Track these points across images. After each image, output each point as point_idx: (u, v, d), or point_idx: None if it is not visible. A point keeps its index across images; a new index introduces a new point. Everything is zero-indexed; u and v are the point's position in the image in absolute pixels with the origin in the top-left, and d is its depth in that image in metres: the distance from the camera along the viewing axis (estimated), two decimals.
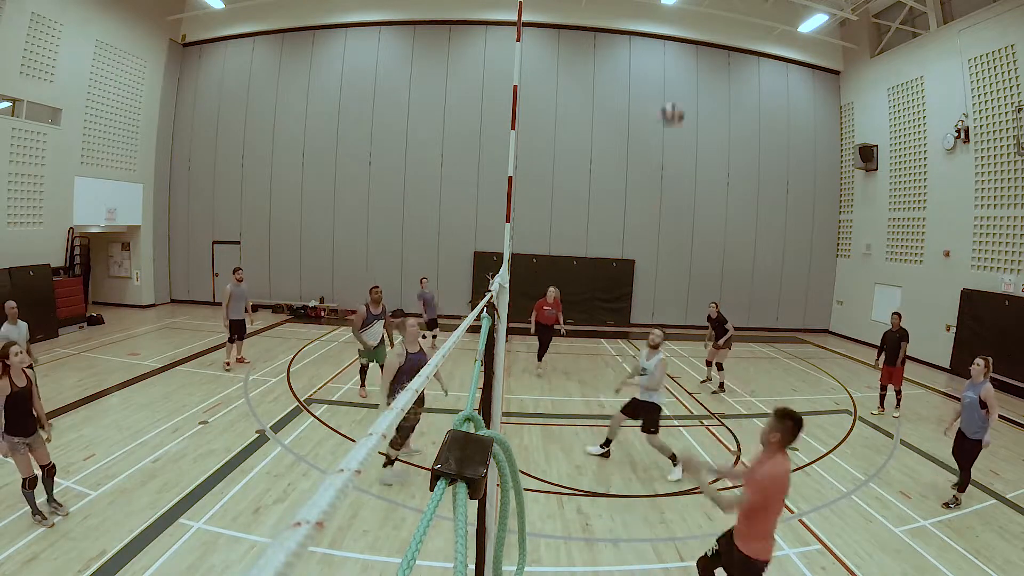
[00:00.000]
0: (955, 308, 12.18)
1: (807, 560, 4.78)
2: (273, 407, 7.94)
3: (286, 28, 15.82)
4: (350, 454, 0.57)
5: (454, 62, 15.62)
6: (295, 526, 0.43)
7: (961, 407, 5.91)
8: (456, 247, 15.83)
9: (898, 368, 8.69)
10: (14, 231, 11.48)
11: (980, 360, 5.78)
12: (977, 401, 5.67)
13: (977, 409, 5.68)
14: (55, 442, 6.34)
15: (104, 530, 4.66)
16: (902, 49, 14.10)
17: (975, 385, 5.77)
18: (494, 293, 1.90)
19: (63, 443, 6.34)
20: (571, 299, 15.44)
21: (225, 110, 16.08)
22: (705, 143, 16.01)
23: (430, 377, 0.97)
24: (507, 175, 2.60)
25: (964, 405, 5.84)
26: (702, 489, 3.53)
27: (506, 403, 8.64)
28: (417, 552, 0.60)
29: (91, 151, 13.41)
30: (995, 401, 5.68)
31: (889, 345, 8.77)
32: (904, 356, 8.66)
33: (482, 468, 0.75)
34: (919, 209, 13.61)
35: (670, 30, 15.69)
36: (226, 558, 4.38)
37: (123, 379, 8.88)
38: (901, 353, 8.63)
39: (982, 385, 5.70)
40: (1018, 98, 10.97)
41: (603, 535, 5.08)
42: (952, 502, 5.87)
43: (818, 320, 16.84)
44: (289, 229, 16.08)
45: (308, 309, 15.61)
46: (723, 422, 8.29)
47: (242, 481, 5.66)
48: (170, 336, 12.32)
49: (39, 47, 11.69)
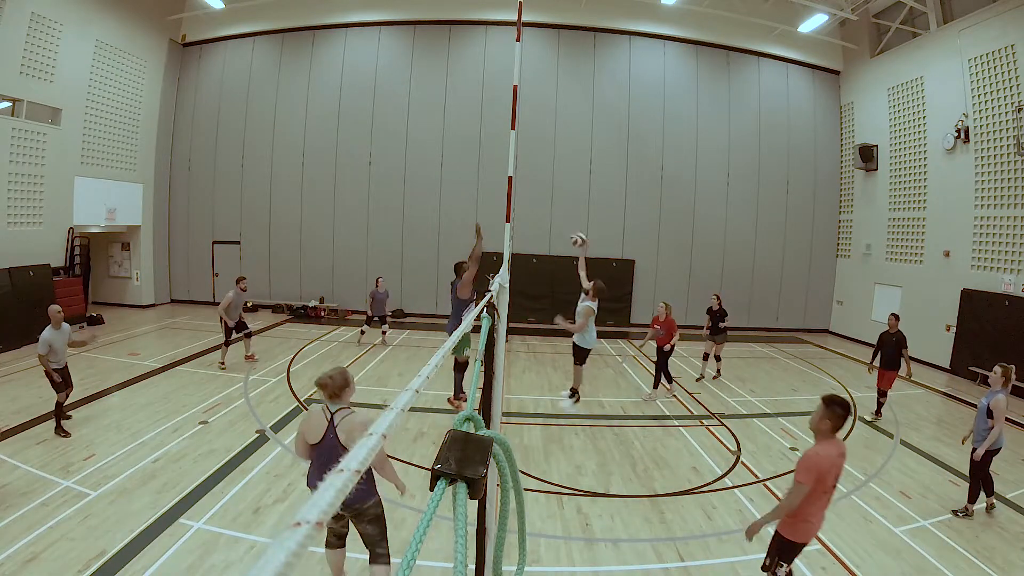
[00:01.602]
0: (955, 308, 12.18)
1: (807, 560, 4.78)
2: (273, 407, 7.94)
3: (286, 28, 15.82)
4: (350, 454, 0.57)
5: (454, 62, 15.62)
6: (295, 526, 0.43)
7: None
8: (456, 247, 15.81)
9: (892, 373, 8.39)
10: (14, 231, 11.48)
11: (998, 368, 5.58)
12: (986, 409, 5.53)
13: (984, 417, 5.54)
14: (55, 442, 6.37)
15: (104, 530, 4.66)
16: (902, 49, 14.10)
17: (990, 393, 5.58)
18: (494, 293, 1.90)
19: (63, 443, 6.35)
20: (571, 299, 15.43)
21: (225, 110, 16.08)
22: (705, 143, 16.01)
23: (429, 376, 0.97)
24: (507, 175, 2.60)
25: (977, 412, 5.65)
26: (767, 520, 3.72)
27: (506, 403, 8.64)
28: (417, 552, 0.60)
29: (91, 151, 13.41)
30: (1002, 413, 5.40)
31: (885, 348, 8.43)
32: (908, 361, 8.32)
33: (482, 468, 0.75)
34: (919, 209, 13.61)
35: (670, 30, 15.68)
36: (226, 558, 4.38)
37: (123, 379, 8.88)
38: (906, 362, 8.29)
39: (995, 394, 5.51)
40: (1018, 98, 10.97)
41: (603, 535, 5.08)
42: (962, 511, 5.72)
43: (818, 320, 16.84)
44: (289, 229, 16.08)
45: (308, 309, 15.60)
46: (723, 422, 8.29)
47: (242, 481, 5.66)
48: (170, 336, 12.32)
49: (39, 47, 11.69)
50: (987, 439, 5.46)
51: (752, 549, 4.97)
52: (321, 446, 3.53)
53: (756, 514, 5.56)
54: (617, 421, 8.13)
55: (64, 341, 6.71)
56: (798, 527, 3.59)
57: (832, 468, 3.52)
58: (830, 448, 3.52)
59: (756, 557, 4.84)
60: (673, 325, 9.03)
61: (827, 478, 3.51)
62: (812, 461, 3.47)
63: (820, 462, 3.46)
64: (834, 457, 3.53)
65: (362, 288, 16.02)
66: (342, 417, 3.54)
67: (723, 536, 5.14)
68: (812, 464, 3.46)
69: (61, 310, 6.77)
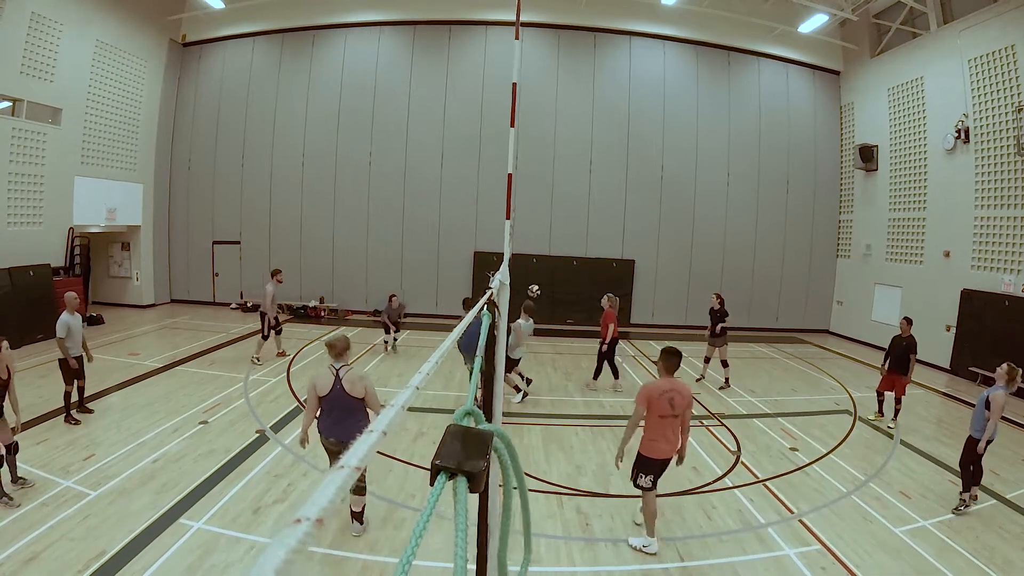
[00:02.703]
0: (955, 308, 12.17)
1: (807, 560, 4.77)
2: (273, 407, 7.94)
3: (286, 28, 15.82)
4: (350, 452, 0.57)
5: (454, 62, 15.62)
6: (295, 523, 0.42)
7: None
8: (456, 247, 15.83)
9: (904, 378, 8.30)
10: (14, 231, 11.48)
11: (1005, 365, 5.81)
12: (984, 401, 5.68)
13: (982, 409, 5.70)
14: (54, 442, 6.37)
15: (104, 530, 4.66)
16: (902, 49, 14.10)
17: (993, 387, 5.75)
18: (495, 290, 1.89)
19: (63, 443, 6.35)
20: (571, 299, 15.49)
21: (225, 110, 16.09)
22: (705, 143, 16.01)
23: (429, 375, 0.97)
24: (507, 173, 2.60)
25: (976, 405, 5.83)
26: (623, 441, 4.83)
27: (506, 403, 8.63)
28: (416, 547, 0.60)
29: (91, 151, 13.41)
30: (999, 408, 5.55)
31: (896, 352, 8.35)
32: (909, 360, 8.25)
33: (482, 462, 0.75)
34: (919, 209, 13.61)
35: (670, 30, 15.68)
36: (226, 558, 4.38)
37: (123, 379, 8.87)
38: (911, 366, 8.24)
39: (997, 388, 5.68)
40: (1018, 98, 10.97)
41: (603, 535, 5.08)
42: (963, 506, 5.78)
43: (818, 320, 16.84)
44: (289, 229, 16.08)
45: (308, 309, 15.61)
46: (723, 422, 8.29)
47: (242, 481, 5.66)
48: (170, 336, 12.32)
49: (39, 47, 11.69)
50: (986, 432, 5.59)
51: (752, 549, 4.98)
52: (330, 396, 4.54)
53: (756, 514, 5.57)
54: (617, 421, 8.12)
55: (80, 327, 7.02)
56: (648, 445, 4.70)
57: (662, 396, 4.59)
58: (662, 383, 4.68)
59: (756, 557, 4.85)
60: (608, 318, 9.28)
61: (657, 404, 4.59)
62: (643, 391, 4.69)
63: (649, 391, 4.63)
64: (664, 389, 4.62)
65: (362, 288, 16.04)
66: (345, 372, 4.59)
67: (723, 536, 5.14)
68: (642, 393, 4.67)
69: (77, 296, 7.12)
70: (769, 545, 5.03)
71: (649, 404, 4.62)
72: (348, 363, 4.72)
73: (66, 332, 6.76)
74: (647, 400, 4.62)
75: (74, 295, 7.07)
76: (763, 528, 5.30)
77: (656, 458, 4.69)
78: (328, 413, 4.62)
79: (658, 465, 4.72)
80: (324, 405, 4.60)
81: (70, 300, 6.98)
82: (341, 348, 4.66)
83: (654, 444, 4.66)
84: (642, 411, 4.65)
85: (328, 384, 4.54)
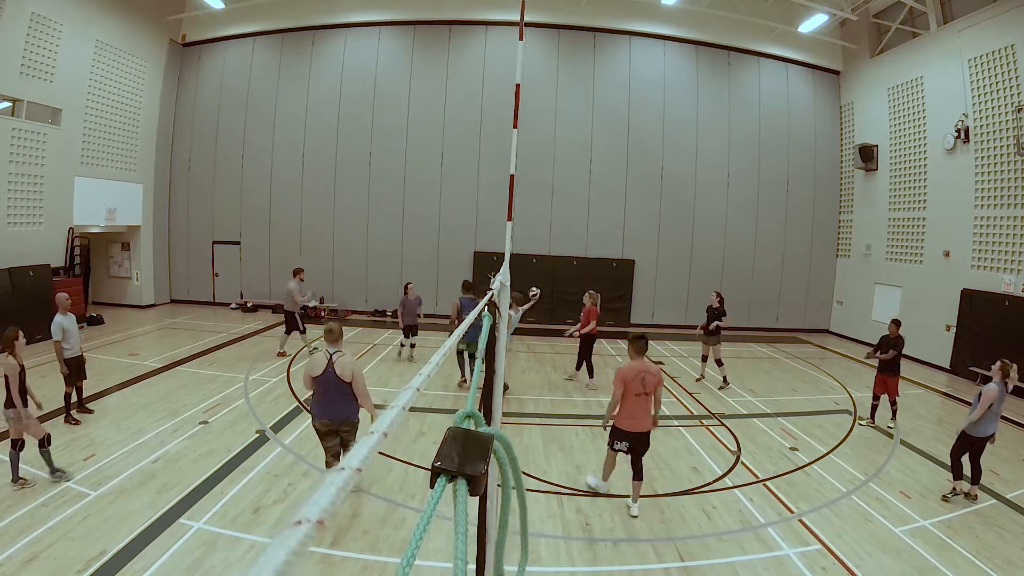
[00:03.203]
0: (955, 308, 12.17)
1: (807, 560, 4.78)
2: (273, 407, 7.94)
3: (286, 28, 15.82)
4: (351, 452, 0.57)
5: (454, 62, 15.62)
6: (296, 524, 0.42)
7: None
8: (456, 247, 15.83)
9: (894, 379, 8.29)
10: (14, 231, 11.48)
11: (999, 362, 5.92)
12: (979, 397, 5.82)
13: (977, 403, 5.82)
14: (55, 442, 6.33)
15: (104, 530, 4.66)
16: (902, 49, 14.10)
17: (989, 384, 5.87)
18: (495, 291, 1.89)
19: (63, 443, 6.34)
20: (571, 299, 15.46)
21: (225, 110, 16.08)
22: (705, 143, 16.01)
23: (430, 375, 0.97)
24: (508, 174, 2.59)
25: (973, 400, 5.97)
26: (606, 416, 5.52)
27: (506, 403, 8.63)
28: (417, 549, 0.60)
29: (91, 151, 13.41)
30: (985, 401, 5.68)
31: (884, 352, 8.31)
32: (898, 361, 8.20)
33: (482, 464, 0.75)
34: (919, 209, 13.61)
35: (670, 30, 15.68)
36: (226, 558, 4.38)
37: (123, 379, 8.87)
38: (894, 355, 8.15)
39: (992, 384, 5.78)
40: (1018, 98, 10.97)
41: (603, 535, 5.08)
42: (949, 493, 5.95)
43: (818, 320, 16.84)
44: (289, 229, 16.08)
45: (308, 309, 15.58)
46: (723, 422, 8.29)
47: (242, 481, 5.66)
48: (170, 336, 12.32)
49: (39, 47, 11.69)
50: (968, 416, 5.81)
51: (753, 549, 4.98)
52: (322, 378, 4.98)
53: (756, 514, 5.57)
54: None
55: (76, 327, 7.06)
56: (623, 420, 5.34)
57: (636, 377, 5.21)
58: (634, 365, 5.28)
59: (756, 557, 4.86)
60: (590, 314, 9.38)
61: (632, 384, 5.22)
62: (619, 372, 5.29)
63: (624, 373, 5.24)
64: (637, 370, 5.23)
65: (362, 288, 16.04)
66: (338, 357, 5.02)
67: (723, 536, 5.14)
68: (619, 374, 5.28)
69: (69, 297, 7.13)
70: (769, 545, 5.03)
71: (625, 384, 5.23)
72: (341, 349, 5.11)
73: (61, 334, 6.77)
74: (623, 380, 5.23)
75: (66, 296, 7.03)
76: (763, 528, 5.30)
77: (631, 431, 5.34)
78: (320, 395, 5.04)
79: (632, 436, 5.35)
80: (317, 387, 5.02)
81: (62, 301, 6.93)
82: (337, 334, 5.11)
83: (629, 420, 5.33)
84: (620, 390, 5.26)
85: (321, 366, 4.96)
